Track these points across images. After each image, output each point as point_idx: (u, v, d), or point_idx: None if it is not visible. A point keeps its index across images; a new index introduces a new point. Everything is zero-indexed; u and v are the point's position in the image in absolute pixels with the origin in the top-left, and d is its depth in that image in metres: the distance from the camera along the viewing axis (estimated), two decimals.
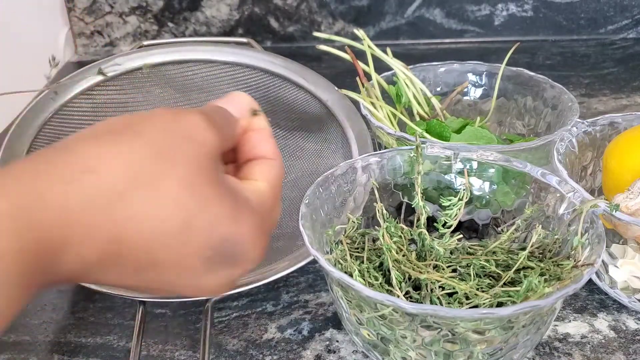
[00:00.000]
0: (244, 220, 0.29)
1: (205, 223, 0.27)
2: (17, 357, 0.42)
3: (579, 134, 0.49)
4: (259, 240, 0.30)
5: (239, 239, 0.29)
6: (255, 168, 0.32)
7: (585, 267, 0.36)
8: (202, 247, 0.28)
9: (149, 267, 0.27)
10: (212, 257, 0.28)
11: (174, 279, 0.28)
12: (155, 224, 0.26)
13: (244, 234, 0.29)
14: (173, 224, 0.26)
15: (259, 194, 0.31)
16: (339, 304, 0.38)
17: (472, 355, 0.35)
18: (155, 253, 0.27)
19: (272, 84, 0.57)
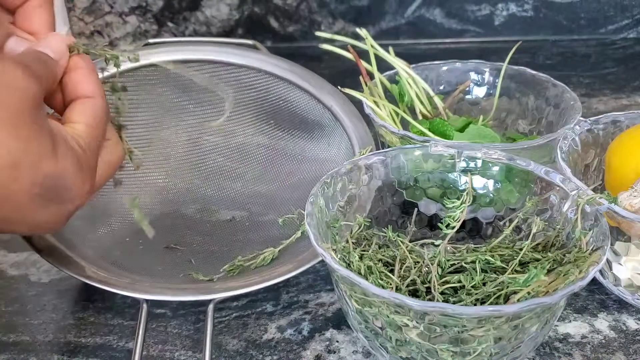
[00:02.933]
0: (62, 157, 0.32)
1: (29, 162, 0.30)
2: (17, 357, 0.42)
3: (581, 133, 0.49)
4: (81, 177, 0.33)
5: (60, 175, 0.32)
6: (74, 110, 0.35)
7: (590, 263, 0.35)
8: (29, 184, 0.30)
9: None
10: (40, 194, 0.31)
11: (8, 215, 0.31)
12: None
13: (65, 170, 0.32)
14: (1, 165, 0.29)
15: (79, 135, 0.34)
16: (344, 301, 0.38)
17: (477, 353, 0.35)
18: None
19: (277, 86, 0.57)
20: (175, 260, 0.49)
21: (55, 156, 0.31)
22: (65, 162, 0.32)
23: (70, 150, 0.33)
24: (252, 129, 0.58)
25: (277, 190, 0.55)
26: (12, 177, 0.30)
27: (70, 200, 0.33)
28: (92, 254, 0.45)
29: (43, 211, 0.32)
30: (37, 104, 0.32)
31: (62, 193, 0.32)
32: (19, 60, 0.32)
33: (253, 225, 0.52)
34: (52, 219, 0.33)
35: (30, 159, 0.30)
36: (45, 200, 0.32)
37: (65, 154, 0.32)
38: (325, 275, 0.49)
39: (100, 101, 0.36)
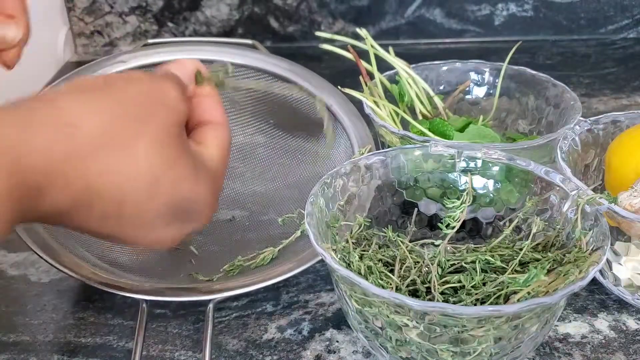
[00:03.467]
0: (202, 181, 0.32)
1: (170, 181, 0.30)
2: (17, 357, 0.42)
3: (581, 132, 0.49)
4: (211, 201, 0.33)
5: (196, 198, 0.32)
6: (207, 133, 0.35)
7: (590, 263, 0.35)
8: (165, 203, 0.30)
9: (113, 218, 0.30)
10: (172, 214, 0.31)
11: (132, 231, 0.31)
12: (125, 179, 0.29)
13: (201, 194, 0.32)
14: (142, 180, 0.29)
15: (212, 159, 0.34)
16: (344, 301, 0.38)
17: (477, 353, 0.35)
18: (122, 205, 0.29)
19: (276, 86, 0.57)
20: (175, 260, 0.49)
21: (196, 180, 0.32)
22: (204, 187, 0.32)
23: (209, 174, 0.33)
24: (251, 129, 0.58)
25: (276, 190, 0.55)
26: (149, 194, 0.30)
27: (195, 222, 0.33)
28: (92, 254, 0.45)
29: (166, 229, 0.32)
30: (183, 126, 0.32)
31: (191, 215, 0.32)
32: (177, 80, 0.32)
33: (253, 225, 0.52)
34: (170, 236, 0.33)
35: (172, 179, 0.30)
36: (174, 219, 0.32)
37: (205, 179, 0.32)
38: (325, 275, 0.49)
39: (228, 128, 0.36)
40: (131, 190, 0.29)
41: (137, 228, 0.31)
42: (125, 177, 0.29)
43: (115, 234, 0.31)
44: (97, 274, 0.42)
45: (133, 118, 0.29)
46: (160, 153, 0.30)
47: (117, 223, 0.30)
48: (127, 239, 0.32)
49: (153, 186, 0.30)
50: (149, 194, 0.30)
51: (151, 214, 0.31)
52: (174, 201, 0.31)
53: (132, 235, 0.31)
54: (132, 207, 0.30)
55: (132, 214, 0.30)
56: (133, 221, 0.30)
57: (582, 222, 0.39)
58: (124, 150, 0.29)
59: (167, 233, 0.32)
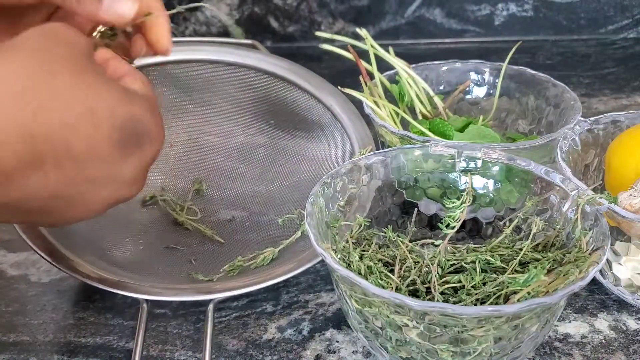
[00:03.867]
0: (136, 101, 0.32)
1: (106, 107, 0.30)
2: (17, 357, 0.42)
3: (581, 132, 0.49)
4: (155, 120, 0.33)
5: (137, 118, 0.32)
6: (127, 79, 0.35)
7: (590, 263, 0.35)
8: (109, 129, 0.30)
9: (67, 161, 0.29)
10: (120, 139, 0.31)
11: (94, 172, 0.31)
12: (60, 115, 0.29)
13: (141, 112, 0.32)
14: (77, 111, 0.29)
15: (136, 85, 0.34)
16: (344, 301, 0.38)
17: (477, 353, 0.35)
18: (70, 143, 0.29)
19: (277, 86, 0.57)
20: (175, 260, 0.49)
21: (128, 100, 0.31)
22: (139, 106, 0.32)
23: (140, 95, 0.33)
24: (252, 129, 0.58)
25: (277, 190, 0.55)
26: (91, 125, 0.29)
27: (150, 144, 0.33)
28: (92, 254, 0.45)
29: (126, 163, 0.32)
30: (91, 55, 0.32)
31: (141, 137, 0.32)
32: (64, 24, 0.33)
33: (253, 225, 0.52)
34: (134, 171, 0.32)
35: (105, 104, 0.30)
36: (126, 146, 0.31)
37: (138, 99, 0.32)
38: (325, 275, 0.49)
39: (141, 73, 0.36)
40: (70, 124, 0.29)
41: (96, 169, 0.31)
42: (59, 113, 0.29)
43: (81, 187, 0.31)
44: (97, 273, 0.42)
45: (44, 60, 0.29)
46: (84, 83, 0.30)
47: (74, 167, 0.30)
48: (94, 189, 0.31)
49: (90, 115, 0.29)
50: (91, 124, 0.29)
51: (102, 145, 0.30)
52: (118, 124, 0.31)
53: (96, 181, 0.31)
54: (79, 141, 0.29)
55: (83, 151, 0.30)
56: (88, 160, 0.30)
57: (582, 222, 0.39)
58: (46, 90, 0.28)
59: (128, 167, 0.32)
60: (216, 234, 0.51)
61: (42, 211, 0.31)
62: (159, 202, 0.53)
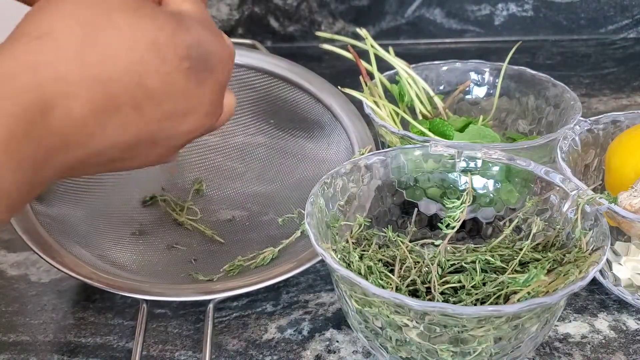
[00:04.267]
0: (192, 24, 0.31)
1: (166, 37, 0.29)
2: (17, 357, 0.42)
3: (581, 132, 0.49)
4: (217, 39, 0.32)
5: (198, 41, 0.31)
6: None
7: (590, 263, 0.35)
8: (178, 60, 0.29)
9: (145, 101, 0.29)
10: (191, 66, 0.30)
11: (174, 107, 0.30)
12: (126, 54, 0.28)
13: (201, 36, 0.31)
14: (141, 48, 0.28)
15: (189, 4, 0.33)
16: (344, 301, 0.38)
17: (477, 353, 0.35)
18: (142, 80, 0.28)
19: (277, 86, 0.57)
20: (175, 260, 0.49)
21: (185, 26, 0.30)
22: (197, 30, 0.31)
23: (194, 19, 0.32)
24: (252, 129, 0.58)
25: (277, 190, 0.55)
26: (159, 58, 0.29)
27: (220, 65, 0.32)
28: (92, 254, 0.45)
29: (202, 89, 0.31)
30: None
31: (209, 59, 0.31)
32: None
33: (253, 225, 0.52)
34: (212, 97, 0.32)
35: (165, 34, 0.29)
36: (198, 72, 0.30)
37: (193, 23, 0.31)
38: (325, 275, 0.49)
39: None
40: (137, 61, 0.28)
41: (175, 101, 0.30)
42: (124, 52, 0.28)
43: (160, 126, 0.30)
44: (97, 274, 0.42)
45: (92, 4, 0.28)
46: (141, 17, 0.29)
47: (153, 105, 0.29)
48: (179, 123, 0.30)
49: (154, 48, 0.28)
50: (158, 57, 0.29)
51: (174, 75, 0.29)
52: (182, 53, 0.30)
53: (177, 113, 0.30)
54: (151, 79, 0.28)
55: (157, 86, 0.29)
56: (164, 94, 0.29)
57: (582, 222, 0.39)
58: (106, 31, 0.28)
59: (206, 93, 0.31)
60: (216, 234, 0.51)
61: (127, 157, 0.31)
62: (159, 202, 0.53)
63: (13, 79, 0.25)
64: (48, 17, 0.27)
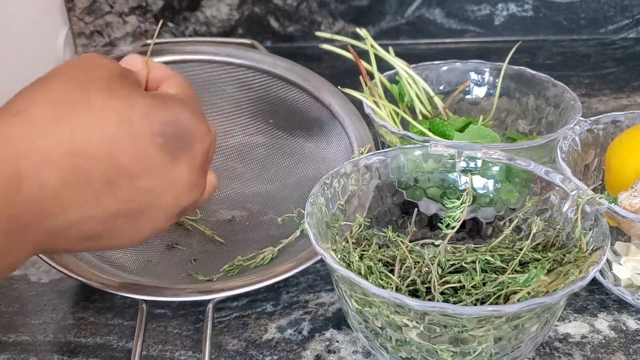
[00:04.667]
0: (172, 104, 0.32)
1: (140, 115, 0.30)
2: (17, 357, 0.42)
3: (581, 132, 0.49)
4: (195, 118, 0.33)
5: (175, 119, 0.32)
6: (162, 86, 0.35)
7: (590, 263, 0.35)
8: (150, 136, 0.30)
9: (118, 176, 0.30)
10: (165, 143, 0.31)
11: (149, 183, 0.31)
12: (98, 131, 0.29)
13: (178, 114, 0.32)
14: (114, 125, 0.29)
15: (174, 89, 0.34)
16: (344, 301, 0.38)
17: (477, 353, 0.35)
18: (114, 156, 0.29)
19: (276, 86, 0.57)
20: (175, 260, 0.49)
21: (164, 105, 0.32)
22: (175, 108, 0.32)
23: (177, 100, 0.33)
24: (251, 129, 0.58)
25: (276, 190, 0.55)
26: (131, 134, 0.30)
27: (197, 143, 0.33)
28: (92, 254, 0.45)
29: (177, 165, 0.32)
30: (125, 75, 0.32)
31: (185, 137, 0.32)
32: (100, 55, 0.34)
33: (253, 225, 0.52)
34: (190, 173, 0.32)
35: (139, 112, 0.30)
36: (172, 149, 0.31)
37: (173, 102, 0.32)
38: (325, 275, 0.49)
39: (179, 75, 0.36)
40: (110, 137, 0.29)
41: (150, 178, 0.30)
42: (96, 129, 0.29)
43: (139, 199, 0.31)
44: (97, 274, 0.42)
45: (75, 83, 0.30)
46: (115, 97, 0.30)
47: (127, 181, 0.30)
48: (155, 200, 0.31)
49: (127, 126, 0.30)
50: (130, 134, 0.30)
51: (148, 152, 0.30)
52: (157, 130, 0.31)
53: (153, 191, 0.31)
54: (124, 154, 0.29)
55: (130, 162, 0.30)
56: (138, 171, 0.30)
57: (582, 222, 0.39)
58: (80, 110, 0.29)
59: (182, 169, 0.32)
60: (216, 234, 0.51)
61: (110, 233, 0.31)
62: None
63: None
64: (27, 98, 0.29)
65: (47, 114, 0.28)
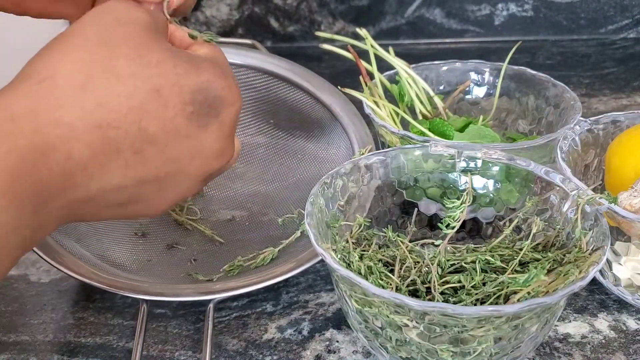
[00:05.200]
0: (204, 69, 0.30)
1: (170, 83, 0.29)
2: (17, 357, 0.42)
3: (581, 132, 0.49)
4: (227, 83, 0.31)
5: (206, 87, 0.30)
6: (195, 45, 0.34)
7: (590, 263, 0.35)
8: (180, 105, 0.29)
9: (146, 145, 0.28)
10: (195, 111, 0.30)
11: (176, 151, 0.29)
12: (126, 100, 0.28)
13: (209, 81, 0.30)
14: (141, 95, 0.28)
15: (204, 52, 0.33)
16: (344, 301, 0.38)
17: (477, 353, 0.35)
18: (142, 126, 0.28)
19: (276, 86, 0.57)
20: (175, 260, 0.49)
21: (194, 70, 0.30)
22: (206, 73, 0.31)
23: (205, 61, 0.31)
24: (252, 129, 0.58)
25: (276, 190, 0.55)
26: (160, 104, 0.28)
27: (226, 109, 0.31)
28: (92, 254, 0.45)
29: (206, 133, 0.30)
30: (155, 30, 0.31)
31: (215, 104, 0.31)
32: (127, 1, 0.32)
33: (253, 225, 0.52)
34: (218, 140, 0.31)
35: (169, 80, 0.29)
36: (202, 117, 0.30)
37: (203, 66, 0.31)
38: (325, 275, 0.49)
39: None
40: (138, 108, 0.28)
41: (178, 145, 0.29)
42: (127, 99, 0.28)
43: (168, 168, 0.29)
44: (97, 274, 0.42)
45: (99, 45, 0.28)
46: (145, 63, 0.29)
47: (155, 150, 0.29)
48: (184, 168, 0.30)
49: (156, 95, 0.28)
50: (159, 104, 0.28)
51: (176, 121, 0.29)
52: (189, 98, 0.29)
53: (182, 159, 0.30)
54: (152, 124, 0.28)
55: (158, 131, 0.28)
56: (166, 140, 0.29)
57: (582, 222, 0.39)
58: (107, 77, 0.28)
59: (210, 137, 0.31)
60: (216, 234, 0.51)
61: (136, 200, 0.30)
62: None
63: (13, 122, 0.26)
64: (51, 62, 0.28)
65: (72, 82, 0.27)
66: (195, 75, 0.30)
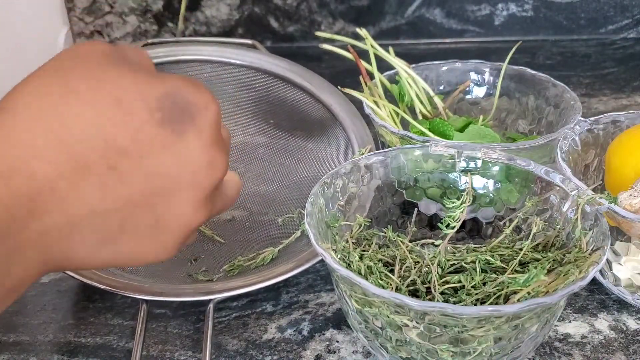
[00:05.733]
0: (167, 78, 0.29)
1: (132, 92, 0.28)
2: (17, 357, 0.42)
3: (581, 132, 0.49)
4: (195, 88, 0.30)
5: (175, 91, 0.29)
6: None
7: (590, 263, 0.35)
8: (146, 112, 0.28)
9: (120, 159, 0.27)
10: (165, 118, 0.28)
11: (157, 163, 0.28)
12: (87, 115, 0.27)
13: (177, 86, 0.29)
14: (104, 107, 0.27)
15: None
16: (344, 301, 0.38)
17: (477, 353, 0.35)
18: (109, 139, 0.27)
19: (276, 86, 0.57)
20: (175, 260, 0.49)
21: (157, 80, 0.29)
22: (170, 81, 0.29)
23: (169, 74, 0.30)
24: (251, 129, 0.58)
25: (276, 190, 0.55)
26: (123, 113, 0.27)
27: (200, 113, 0.29)
28: None
29: (185, 142, 0.29)
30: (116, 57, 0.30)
31: (187, 108, 0.29)
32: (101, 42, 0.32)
33: (253, 225, 0.52)
34: (203, 149, 0.29)
35: (130, 90, 0.28)
36: (175, 123, 0.28)
37: (167, 76, 0.30)
38: (325, 275, 0.49)
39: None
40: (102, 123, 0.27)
41: (154, 157, 0.28)
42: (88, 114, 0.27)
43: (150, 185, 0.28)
44: (97, 273, 0.42)
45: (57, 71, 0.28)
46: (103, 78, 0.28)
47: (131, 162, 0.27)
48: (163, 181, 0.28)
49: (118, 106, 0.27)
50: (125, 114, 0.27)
51: (146, 129, 0.28)
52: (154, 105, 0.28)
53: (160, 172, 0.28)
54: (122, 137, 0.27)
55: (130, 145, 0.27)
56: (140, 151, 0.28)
57: (582, 222, 0.39)
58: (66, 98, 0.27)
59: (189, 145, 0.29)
60: (216, 234, 0.51)
61: (131, 233, 0.29)
62: None
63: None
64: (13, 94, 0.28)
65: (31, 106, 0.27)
66: (159, 84, 0.29)
